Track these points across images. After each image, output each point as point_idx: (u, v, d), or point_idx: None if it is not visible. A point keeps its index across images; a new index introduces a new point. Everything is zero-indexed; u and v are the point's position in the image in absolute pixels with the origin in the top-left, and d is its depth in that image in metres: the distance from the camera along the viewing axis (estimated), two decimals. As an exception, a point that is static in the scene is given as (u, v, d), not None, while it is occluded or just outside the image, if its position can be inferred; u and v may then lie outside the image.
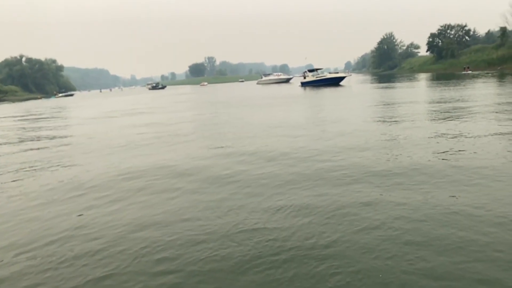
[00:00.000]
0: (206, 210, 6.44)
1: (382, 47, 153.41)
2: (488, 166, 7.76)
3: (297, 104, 29.26)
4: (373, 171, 8.12)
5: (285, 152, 10.71)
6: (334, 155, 9.95)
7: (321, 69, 67.00)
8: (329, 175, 8.04)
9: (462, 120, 14.23)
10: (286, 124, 16.78)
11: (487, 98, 21.87)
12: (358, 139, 11.86)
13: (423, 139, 11.20)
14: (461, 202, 5.91)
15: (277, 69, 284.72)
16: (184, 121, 21.65)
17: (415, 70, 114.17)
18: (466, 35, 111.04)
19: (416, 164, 8.37)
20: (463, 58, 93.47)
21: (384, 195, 6.54)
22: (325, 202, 6.36)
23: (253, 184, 7.79)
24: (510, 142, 9.89)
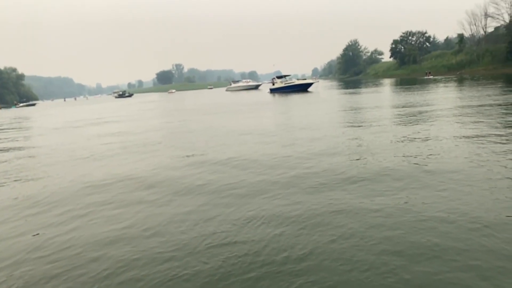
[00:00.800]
0: (173, 224, 6.10)
1: (347, 53, 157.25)
2: (457, 170, 7.83)
3: (267, 111, 29.21)
4: (344, 177, 8.03)
5: (256, 160, 10.51)
6: (305, 161, 9.83)
7: (289, 75, 67.69)
8: (301, 183, 7.88)
9: (428, 124, 14.52)
10: (257, 131, 16.61)
11: (449, 102, 22.61)
12: (328, 145, 11.83)
13: (392, 144, 11.30)
14: (434, 207, 5.86)
15: (245, 76, 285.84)
16: (152, 129, 21.07)
17: (379, 75, 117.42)
18: (426, 41, 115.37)
19: (387, 169, 8.36)
20: (424, 63, 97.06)
21: (357, 201, 6.43)
22: (298, 211, 6.18)
23: (223, 194, 7.52)
24: (476, 145, 10.09)
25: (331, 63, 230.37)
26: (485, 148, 9.58)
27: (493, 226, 4.99)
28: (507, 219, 5.14)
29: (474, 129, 12.55)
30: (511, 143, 9.95)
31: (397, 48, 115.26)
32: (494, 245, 4.47)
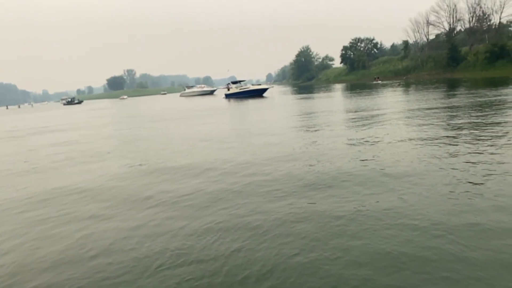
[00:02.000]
0: (120, 243, 5.55)
1: (300, 59, 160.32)
2: (415, 173, 7.86)
3: (223, 116, 28.85)
4: (304, 183, 7.85)
5: (212, 167, 10.13)
6: (263, 167, 9.58)
7: (244, 81, 67.80)
8: (259, 190, 7.60)
9: (381, 127, 14.84)
10: (213, 137, 16.20)
11: (399, 106, 23.45)
12: (286, 150, 11.68)
13: (348, 148, 11.36)
14: (396, 213, 5.74)
15: (200, 81, 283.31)
16: (101, 138, 20.00)
17: (331, 81, 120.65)
18: (374, 47, 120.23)
19: (346, 174, 8.29)
20: (373, 69, 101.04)
21: (318, 209, 6.24)
22: (257, 222, 5.87)
23: (176, 206, 7.07)
24: (429, 148, 10.32)
25: (284, 68, 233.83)
26: (438, 151, 9.81)
27: (456, 232, 4.91)
28: (468, 224, 5.10)
29: (425, 131, 12.93)
30: (461, 145, 10.27)
31: (347, 54, 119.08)
32: (461, 253, 4.37)
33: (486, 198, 6.02)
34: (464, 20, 77.32)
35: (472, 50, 69.48)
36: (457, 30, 79.83)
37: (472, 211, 5.55)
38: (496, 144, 9.96)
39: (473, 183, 6.87)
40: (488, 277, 3.88)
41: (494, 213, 5.44)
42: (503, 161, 8.17)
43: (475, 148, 9.65)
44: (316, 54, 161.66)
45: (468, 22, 76.39)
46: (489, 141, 10.34)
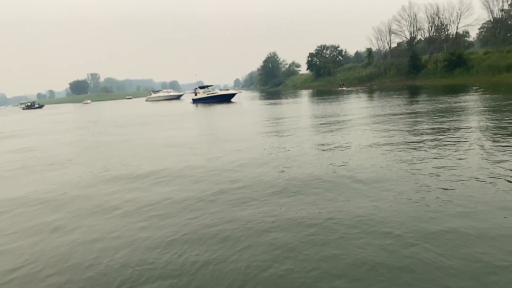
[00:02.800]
0: (75, 258, 5.13)
1: (267, 65, 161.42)
2: (384, 178, 7.88)
3: (190, 121, 28.38)
4: (274, 190, 7.67)
5: (179, 174, 9.81)
6: (232, 174, 9.37)
7: (212, 85, 67.29)
8: (228, 197, 7.37)
9: (348, 133, 15.00)
10: (180, 143, 15.82)
11: (364, 111, 23.91)
12: (255, 156, 11.53)
13: (316, 152, 11.35)
14: (369, 220, 5.67)
15: (166, 85, 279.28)
16: (62, 144, 19.11)
17: (297, 87, 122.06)
18: (339, 55, 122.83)
19: (316, 179, 8.20)
20: (338, 75, 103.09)
21: (290, 216, 6.07)
22: (227, 232, 5.63)
23: (141, 215, 6.72)
24: (395, 153, 10.46)
25: (252, 74, 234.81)
26: (405, 156, 9.93)
27: (430, 240, 4.86)
28: (441, 231, 5.07)
29: (392, 137, 13.16)
30: (428, 150, 10.46)
31: (313, 61, 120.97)
32: (438, 262, 4.30)
33: (456, 204, 6.05)
34: (424, 30, 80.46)
35: (431, 59, 72.35)
36: (418, 39, 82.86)
37: (444, 218, 5.54)
38: (460, 149, 10.23)
39: (442, 188, 6.92)
40: (466, 287, 3.86)
41: (465, 219, 5.45)
42: (469, 166, 8.35)
43: (441, 153, 9.85)
44: (283, 61, 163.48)
45: (428, 32, 79.56)
46: (453, 146, 10.60)
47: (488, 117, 16.37)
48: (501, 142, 10.70)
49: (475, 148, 10.20)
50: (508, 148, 9.85)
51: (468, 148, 10.20)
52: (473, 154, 9.52)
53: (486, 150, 9.86)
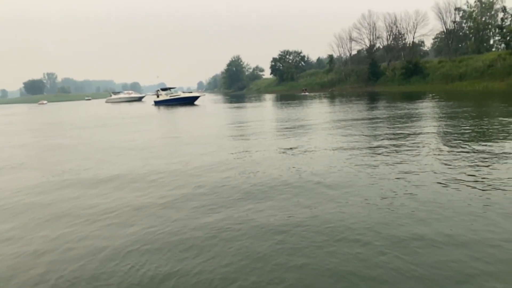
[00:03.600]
0: (20, 274, 4.67)
1: (231, 69, 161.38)
2: (349, 183, 7.87)
3: (152, 124, 27.64)
4: (238, 194, 7.46)
5: (139, 178, 9.39)
6: (195, 178, 9.07)
7: (175, 88, 66.32)
8: (191, 203, 7.07)
9: (311, 137, 15.08)
10: (140, 146, 15.27)
11: (326, 116, 24.29)
12: (218, 159, 11.27)
13: (281, 156, 11.27)
14: (336, 226, 5.56)
15: (128, 87, 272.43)
16: (13, 146, 17.96)
17: (261, 91, 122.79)
18: (302, 60, 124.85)
19: (281, 183, 8.08)
20: (301, 81, 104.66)
21: (255, 221, 5.87)
22: (189, 240, 5.33)
23: (97, 223, 6.28)
24: (359, 158, 10.55)
25: (216, 77, 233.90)
26: (370, 160, 10.01)
27: (400, 248, 4.78)
28: (410, 238, 5.02)
29: (355, 141, 13.31)
30: (391, 155, 10.62)
31: (276, 66, 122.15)
32: (409, 271, 4.20)
33: (423, 210, 6.07)
34: (382, 38, 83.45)
35: (390, 66, 75.11)
36: (377, 47, 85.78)
37: (412, 224, 5.53)
38: (421, 153, 10.47)
39: (408, 194, 6.96)
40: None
41: (433, 225, 5.45)
42: (431, 170, 8.51)
43: (404, 158, 10.02)
44: (247, 64, 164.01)
45: (386, 40, 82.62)
46: (414, 151, 10.83)
47: (445, 123, 17.02)
48: (459, 147, 11.07)
49: (436, 153, 10.49)
50: (466, 153, 10.19)
51: (429, 153, 10.46)
52: (434, 159, 9.76)
53: (446, 155, 10.15)
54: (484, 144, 11.39)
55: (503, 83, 45.91)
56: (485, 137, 12.87)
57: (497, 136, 12.68)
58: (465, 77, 54.35)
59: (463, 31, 71.62)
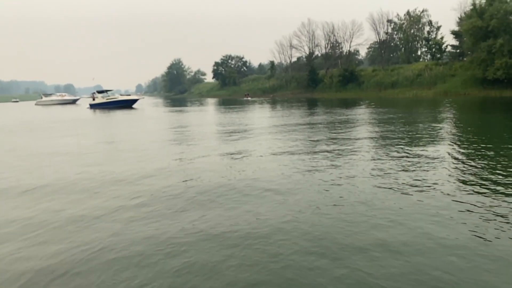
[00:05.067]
0: None
1: (172, 72, 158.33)
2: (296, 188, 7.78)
3: (86, 128, 26.02)
4: (182, 202, 7.09)
5: (72, 188, 8.62)
6: (133, 186, 8.51)
7: (112, 90, 63.43)
8: (130, 213, 6.57)
9: (254, 141, 14.97)
10: (73, 152, 14.21)
11: (268, 121, 24.48)
12: (159, 165, 10.73)
13: (224, 161, 11.01)
14: (289, 234, 5.38)
15: (61, 89, 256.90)
16: None
17: (203, 95, 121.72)
18: (244, 65, 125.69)
19: (226, 189, 7.84)
20: (243, 85, 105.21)
21: (201, 230, 5.58)
22: (127, 257, 4.90)
23: (22, 240, 5.60)
24: (304, 162, 10.58)
25: (155, 80, 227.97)
26: (316, 164, 10.03)
27: (360, 256, 4.68)
28: (369, 244, 4.98)
29: (300, 146, 13.36)
30: (334, 159, 10.76)
31: (218, 70, 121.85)
32: (374, 286, 4.12)
33: (375, 215, 6.08)
34: (321, 46, 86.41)
35: (328, 73, 77.87)
36: (316, 54, 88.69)
37: (368, 231, 5.48)
38: (362, 157, 10.71)
39: (356, 199, 7.01)
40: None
41: (387, 230, 5.45)
42: (377, 174, 8.71)
43: (346, 162, 10.17)
44: (188, 68, 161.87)
45: (325, 48, 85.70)
46: (356, 155, 11.06)
47: (382, 128, 17.77)
48: (396, 151, 11.51)
49: (376, 157, 10.80)
50: (403, 157, 10.61)
51: (370, 157, 10.75)
52: (375, 163, 10.02)
53: (386, 159, 10.46)
54: (417, 147, 12.01)
55: (431, 91, 49.51)
56: (416, 140, 13.59)
57: (428, 140, 13.44)
58: (397, 85, 57.93)
59: (394, 41, 76.23)
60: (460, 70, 50.24)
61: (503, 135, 14.78)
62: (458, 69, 51.03)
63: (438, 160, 10.19)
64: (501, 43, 40.32)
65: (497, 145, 12.09)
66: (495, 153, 10.83)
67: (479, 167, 9.22)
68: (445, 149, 11.80)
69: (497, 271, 4.28)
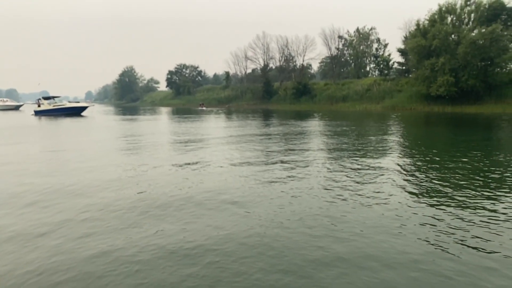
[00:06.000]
0: None
1: (123, 79, 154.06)
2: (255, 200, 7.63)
3: (30, 136, 24.36)
4: (133, 216, 6.73)
5: (9, 201, 7.92)
6: (80, 198, 7.94)
7: (59, 97, 60.49)
8: (74, 229, 6.11)
9: (209, 152, 14.69)
10: (13, 161, 13.18)
11: (223, 131, 24.26)
12: (109, 176, 10.19)
13: (179, 172, 10.66)
14: (252, 249, 5.19)
15: (2, 94, 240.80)
16: None
17: (156, 103, 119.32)
18: (198, 75, 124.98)
19: (181, 201, 7.54)
20: (198, 95, 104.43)
21: (155, 245, 5.27)
22: (71, 279, 4.54)
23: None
24: (262, 174, 10.47)
25: (106, 87, 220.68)
26: (275, 176, 9.95)
27: (325, 271, 4.59)
28: (333, 259, 4.91)
29: (256, 157, 13.23)
30: (291, 170, 10.73)
31: (172, 79, 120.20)
32: None
33: (339, 229, 6.03)
34: (275, 59, 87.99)
35: (282, 86, 79.23)
36: (270, 67, 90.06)
37: (332, 245, 5.40)
38: (317, 168, 10.81)
39: (318, 211, 6.96)
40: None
41: (351, 244, 5.40)
42: (338, 187, 8.78)
43: (303, 173, 10.19)
44: (141, 76, 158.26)
45: (279, 61, 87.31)
46: (312, 166, 11.14)
47: (335, 140, 18.14)
48: (350, 162, 11.75)
49: (337, 168, 10.92)
50: (364, 169, 10.84)
51: (326, 169, 10.88)
52: (337, 174, 10.11)
53: (348, 170, 10.61)
54: (371, 159, 12.32)
55: (379, 105, 51.71)
56: (370, 153, 13.96)
57: (381, 152, 13.87)
58: (348, 99, 59.99)
59: (345, 57, 79.16)
60: (406, 86, 52.96)
61: (448, 148, 15.60)
62: (404, 85, 53.77)
63: (392, 171, 10.48)
64: (443, 62, 42.98)
65: (443, 158, 12.69)
66: (442, 165, 11.33)
67: (432, 178, 9.57)
68: (397, 161, 12.21)
69: (462, 285, 4.34)
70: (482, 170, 10.39)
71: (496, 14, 43.51)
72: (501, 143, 17.06)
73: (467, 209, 7.01)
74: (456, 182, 9.14)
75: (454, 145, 16.35)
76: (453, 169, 10.72)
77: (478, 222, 6.34)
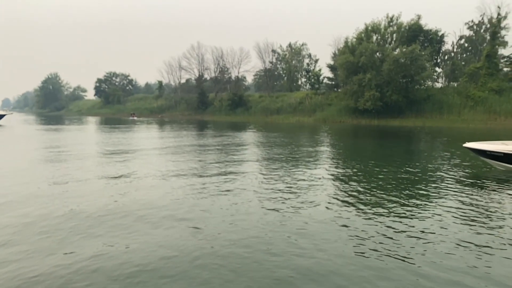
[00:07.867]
0: None
1: (47, 86, 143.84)
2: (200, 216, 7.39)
3: None
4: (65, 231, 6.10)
5: None
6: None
7: (-31, 103, 54.74)
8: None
9: (140, 163, 14.09)
10: None
11: (156, 142, 23.49)
12: (30, 190, 9.25)
13: (110, 185, 10.02)
14: (206, 275, 4.96)
15: None
16: None
17: (83, 113, 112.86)
18: (129, 84, 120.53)
19: (112, 215, 7.05)
20: (128, 104, 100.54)
21: (80, 264, 4.80)
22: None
23: None
24: (199, 186, 10.22)
25: (27, 95, 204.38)
26: (214, 189, 9.74)
27: None
28: (283, 279, 4.79)
29: (193, 169, 12.92)
30: (229, 181, 10.58)
31: (101, 87, 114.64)
32: None
33: (296, 245, 5.98)
34: (210, 70, 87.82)
35: (217, 97, 79.15)
36: (205, 78, 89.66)
37: (286, 262, 5.30)
38: (259, 180, 10.78)
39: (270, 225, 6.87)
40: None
41: (309, 259, 5.35)
42: (283, 197, 8.77)
43: (243, 184, 10.10)
44: (66, 83, 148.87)
45: (214, 72, 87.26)
46: (251, 178, 11.08)
47: (273, 151, 18.33)
48: (295, 174, 11.89)
49: (276, 178, 10.96)
50: (303, 180, 10.97)
51: (271, 180, 10.87)
52: (278, 184, 10.14)
53: (289, 180, 10.69)
54: (309, 169, 12.59)
55: (311, 118, 53.69)
56: (306, 163, 14.29)
57: (316, 163, 14.25)
58: (282, 111, 61.51)
59: (278, 71, 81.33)
60: (336, 100, 55.64)
61: (375, 158, 16.48)
62: (334, 99, 56.45)
63: (325, 180, 10.75)
64: (369, 78, 45.89)
65: (371, 167, 13.34)
66: (369, 173, 11.89)
67: (359, 186, 9.96)
68: (329, 170, 12.58)
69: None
70: (404, 178, 11.09)
71: (415, 35, 47.63)
72: (420, 154, 18.42)
73: (389, 215, 7.35)
74: (381, 189, 9.62)
75: (380, 156, 17.33)
76: (378, 176, 11.30)
77: (398, 227, 6.65)
